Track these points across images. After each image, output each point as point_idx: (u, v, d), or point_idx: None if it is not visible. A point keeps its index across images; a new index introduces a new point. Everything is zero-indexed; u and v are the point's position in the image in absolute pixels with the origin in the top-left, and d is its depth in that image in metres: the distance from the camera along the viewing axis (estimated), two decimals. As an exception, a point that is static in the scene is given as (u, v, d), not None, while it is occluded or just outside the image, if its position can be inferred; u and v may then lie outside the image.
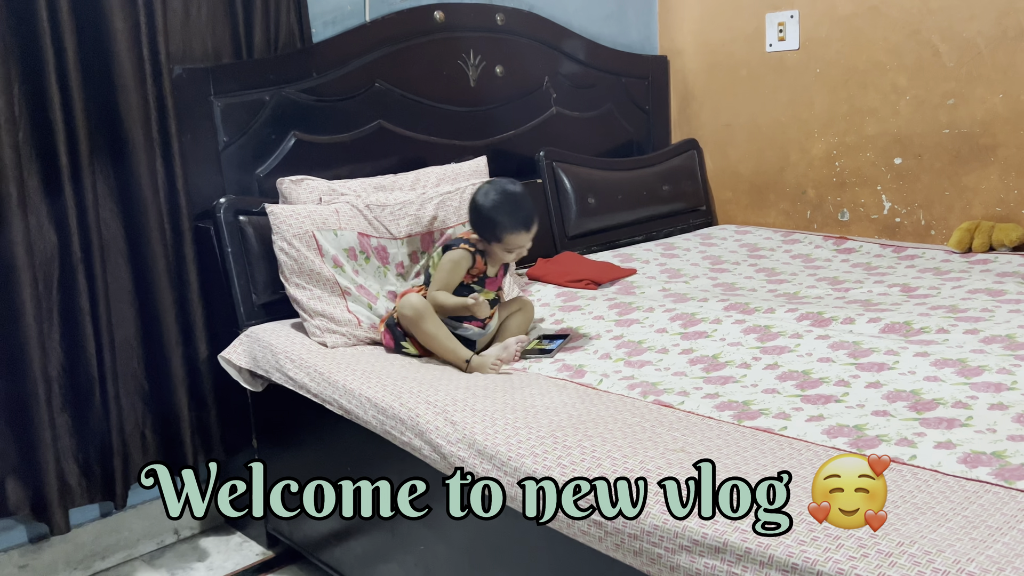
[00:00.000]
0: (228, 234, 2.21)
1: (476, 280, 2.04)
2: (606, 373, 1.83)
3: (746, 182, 3.40)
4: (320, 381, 1.90)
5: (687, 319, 2.07)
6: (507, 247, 2.00)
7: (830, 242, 2.97)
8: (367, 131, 2.60)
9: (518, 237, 1.98)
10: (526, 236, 1.99)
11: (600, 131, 3.29)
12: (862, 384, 1.62)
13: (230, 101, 2.33)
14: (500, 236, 1.98)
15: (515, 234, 1.98)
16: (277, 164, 2.42)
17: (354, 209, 2.24)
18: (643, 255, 2.92)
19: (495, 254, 2.03)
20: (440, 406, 1.63)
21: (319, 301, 2.11)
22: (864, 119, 3.02)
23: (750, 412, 1.55)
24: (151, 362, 2.24)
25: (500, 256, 2.03)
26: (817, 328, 1.93)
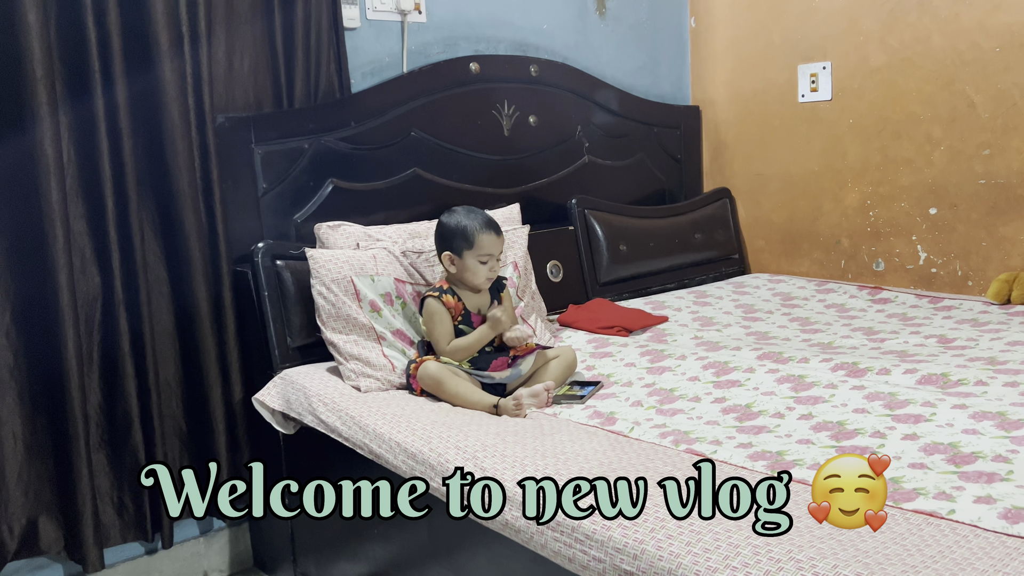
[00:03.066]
0: (265, 278, 2.24)
1: (460, 321, 2.07)
2: (637, 421, 1.82)
3: (779, 231, 3.39)
4: (351, 425, 1.91)
5: (720, 367, 2.06)
6: (479, 253, 2.06)
7: (865, 292, 2.94)
8: (403, 178, 2.65)
9: (488, 238, 2.06)
10: (496, 240, 2.06)
11: (632, 180, 3.31)
12: (898, 436, 1.60)
13: (270, 149, 2.39)
14: (471, 239, 2.06)
15: (484, 234, 2.05)
16: (315, 210, 2.46)
17: (390, 255, 2.27)
18: (675, 303, 2.91)
19: (468, 270, 2.06)
20: (470, 452, 1.63)
21: (355, 345, 2.13)
22: (898, 169, 3.01)
23: (784, 463, 1.52)
24: (190, 403, 2.28)
25: (473, 271, 2.06)
26: (852, 378, 1.90)
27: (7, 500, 2.02)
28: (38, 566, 2.17)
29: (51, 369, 2.04)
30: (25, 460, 2.04)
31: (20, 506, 2.04)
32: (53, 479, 2.08)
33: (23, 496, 2.04)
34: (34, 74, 1.92)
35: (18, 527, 2.04)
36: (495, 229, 2.09)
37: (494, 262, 2.09)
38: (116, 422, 2.15)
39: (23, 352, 2.04)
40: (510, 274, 2.43)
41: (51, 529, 2.08)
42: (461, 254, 2.09)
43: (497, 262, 2.11)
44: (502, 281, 2.23)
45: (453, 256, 2.11)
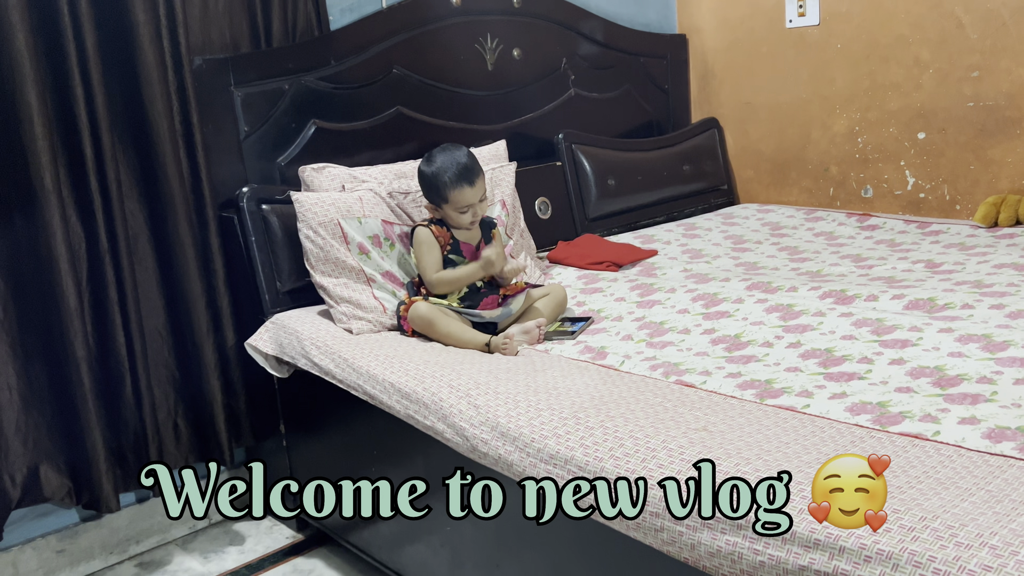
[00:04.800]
0: (252, 223, 2.23)
1: (450, 250, 2.07)
2: (628, 354, 1.84)
3: (768, 160, 3.38)
4: (345, 367, 1.93)
5: (709, 299, 2.07)
6: (456, 206, 2.05)
7: (853, 219, 2.94)
8: (386, 117, 2.61)
9: (462, 193, 2.03)
10: (470, 191, 2.04)
11: (619, 112, 3.28)
12: (885, 361, 1.62)
13: (250, 90, 2.35)
14: (445, 195, 2.04)
15: (458, 190, 2.03)
16: (298, 152, 2.44)
17: (377, 197, 2.26)
18: (664, 236, 2.92)
19: (451, 217, 2.07)
20: (463, 389, 1.65)
21: (345, 288, 2.13)
22: (886, 94, 2.98)
23: (772, 391, 1.55)
24: (181, 351, 2.29)
25: (456, 219, 2.07)
26: (840, 306, 1.92)
27: (7, 450, 2.04)
28: (41, 513, 2.21)
29: (44, 320, 2.04)
30: (22, 410, 2.06)
31: (20, 456, 2.06)
32: (52, 428, 2.09)
33: (22, 446, 2.06)
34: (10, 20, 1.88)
35: (20, 476, 2.07)
36: (469, 179, 2.04)
37: (476, 208, 2.08)
38: (110, 373, 2.15)
39: (12, 304, 2.03)
40: (498, 213, 2.42)
41: (53, 476, 2.11)
42: (440, 206, 2.09)
43: (481, 203, 2.09)
44: (492, 220, 2.23)
45: (433, 206, 2.12)
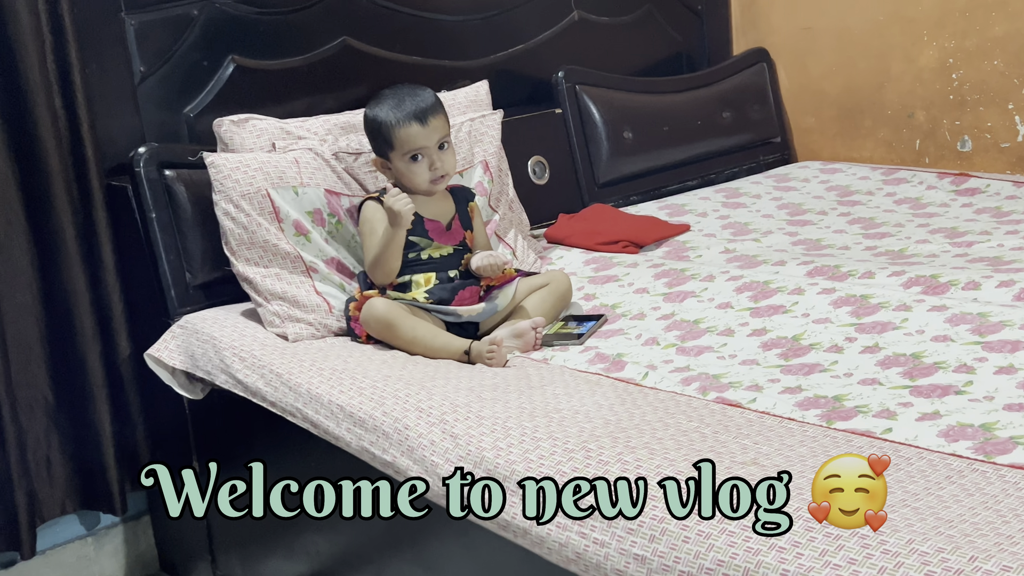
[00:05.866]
0: (152, 194, 2.22)
1: (411, 232, 2.08)
2: (653, 364, 1.83)
3: (834, 104, 3.38)
4: (278, 385, 1.92)
5: (758, 290, 2.08)
6: (404, 150, 2.08)
7: (947, 180, 2.96)
8: (328, 52, 2.60)
9: (409, 131, 2.06)
10: (420, 130, 2.06)
11: (637, 41, 3.27)
12: (990, 369, 1.63)
13: (146, 18, 2.33)
14: (391, 140, 2.07)
15: (405, 127, 2.06)
16: (212, 100, 2.43)
17: (319, 159, 2.25)
18: (699, 206, 2.91)
19: (404, 175, 2.10)
20: (435, 414, 1.65)
21: (277, 280, 2.13)
22: (990, 15, 2.99)
23: (843, 411, 1.56)
24: (57, 365, 2.27)
25: (410, 176, 2.09)
26: (931, 297, 1.93)
27: None
28: None
29: None
30: None
31: None
32: None
33: None
34: None
35: None
36: (419, 114, 2.07)
37: (434, 156, 2.09)
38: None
39: None
40: (479, 178, 2.42)
41: None
42: (388, 156, 2.10)
43: (443, 154, 2.11)
44: (469, 190, 2.23)
45: (381, 160, 2.13)
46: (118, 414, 2.32)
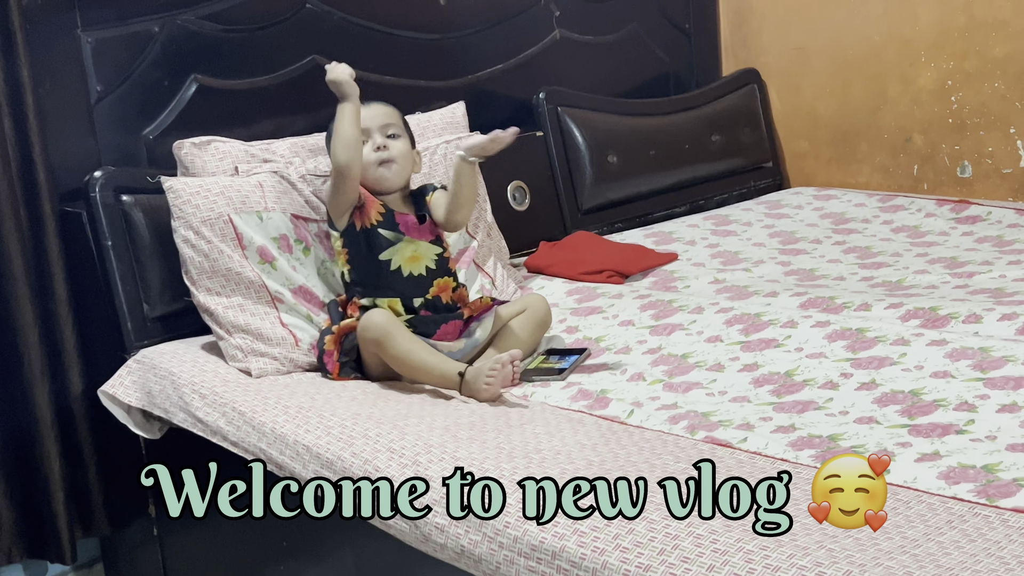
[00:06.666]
0: (108, 221, 2.21)
1: (381, 223, 2.11)
2: (638, 401, 1.83)
3: (828, 127, 3.41)
4: (241, 424, 1.91)
5: (749, 322, 2.08)
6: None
7: (946, 208, 2.98)
8: (297, 71, 2.61)
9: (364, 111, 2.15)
10: (364, 110, 2.15)
11: (623, 61, 3.29)
12: (992, 408, 1.63)
13: (104, 35, 2.33)
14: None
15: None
16: (173, 121, 2.43)
17: (284, 182, 2.25)
18: (687, 233, 2.92)
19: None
20: (408, 455, 1.64)
21: (241, 311, 2.13)
22: (990, 35, 3.02)
23: (838, 451, 1.55)
24: (3, 404, 2.25)
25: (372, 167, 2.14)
26: (930, 330, 1.93)
27: None
28: None
29: None
30: None
31: None
32: None
33: None
34: None
35: None
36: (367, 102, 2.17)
37: (379, 138, 2.15)
38: None
39: None
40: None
41: None
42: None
43: (391, 139, 2.17)
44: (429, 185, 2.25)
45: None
46: (69, 455, 2.30)
